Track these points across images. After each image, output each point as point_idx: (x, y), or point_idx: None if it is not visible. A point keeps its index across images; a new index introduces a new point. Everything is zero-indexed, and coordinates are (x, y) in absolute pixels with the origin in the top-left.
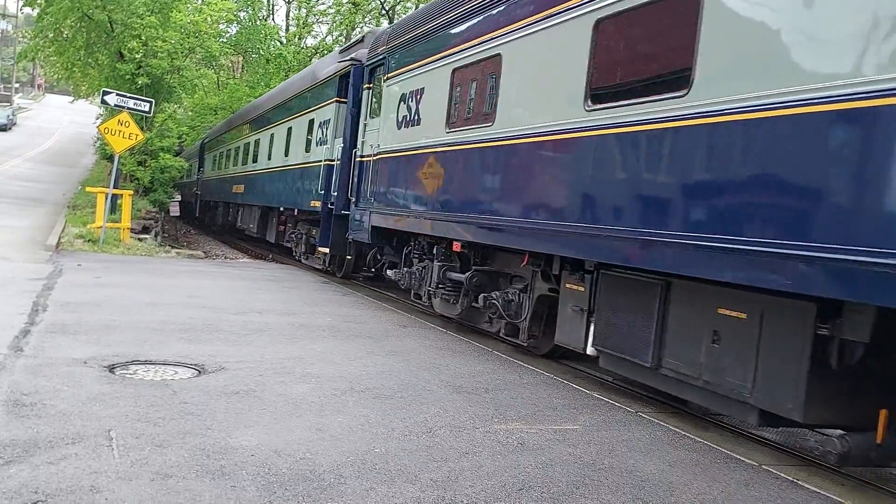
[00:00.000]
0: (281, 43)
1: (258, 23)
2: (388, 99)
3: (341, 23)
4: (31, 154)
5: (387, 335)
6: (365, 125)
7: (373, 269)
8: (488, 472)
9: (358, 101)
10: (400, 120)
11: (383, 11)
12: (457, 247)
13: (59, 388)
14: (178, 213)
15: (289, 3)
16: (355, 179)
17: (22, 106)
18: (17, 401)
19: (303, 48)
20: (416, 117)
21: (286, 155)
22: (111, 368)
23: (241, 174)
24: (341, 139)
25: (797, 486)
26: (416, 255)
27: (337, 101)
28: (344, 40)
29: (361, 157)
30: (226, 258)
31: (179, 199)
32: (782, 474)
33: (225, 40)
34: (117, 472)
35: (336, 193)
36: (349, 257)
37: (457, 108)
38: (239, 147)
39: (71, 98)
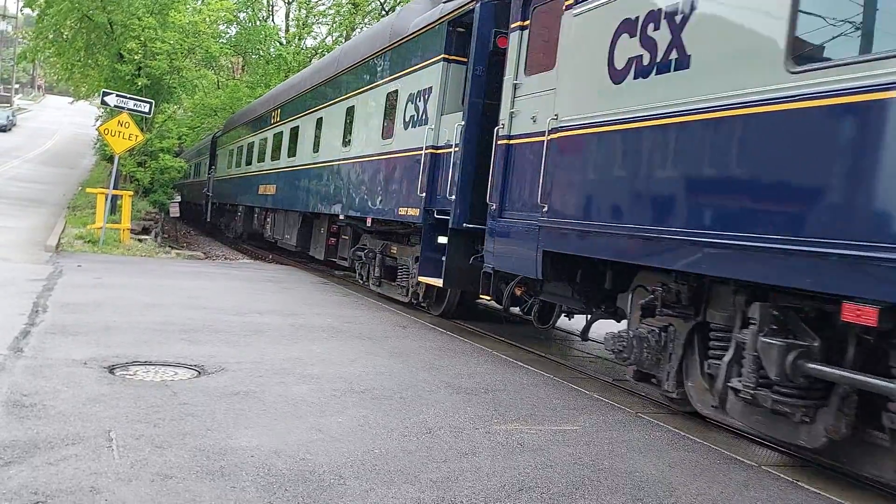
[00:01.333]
0: (281, 44)
1: (258, 23)
2: (580, 37)
3: (341, 23)
4: (31, 155)
5: (386, 336)
6: (515, 87)
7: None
8: (488, 473)
9: (488, 55)
10: (619, 67)
11: (383, 12)
12: (864, 316)
13: (58, 388)
14: (177, 214)
15: (288, 3)
16: (498, 174)
17: (22, 107)
18: (17, 402)
19: (303, 49)
20: (672, 56)
21: (346, 145)
22: (111, 369)
23: (271, 171)
24: (460, 114)
25: (797, 487)
26: (653, 309)
27: (445, 58)
28: (343, 41)
29: (510, 137)
30: (226, 259)
31: (179, 200)
32: (782, 475)
33: (225, 41)
34: (117, 473)
35: (454, 197)
36: (487, 298)
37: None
38: (266, 139)
39: (71, 99)
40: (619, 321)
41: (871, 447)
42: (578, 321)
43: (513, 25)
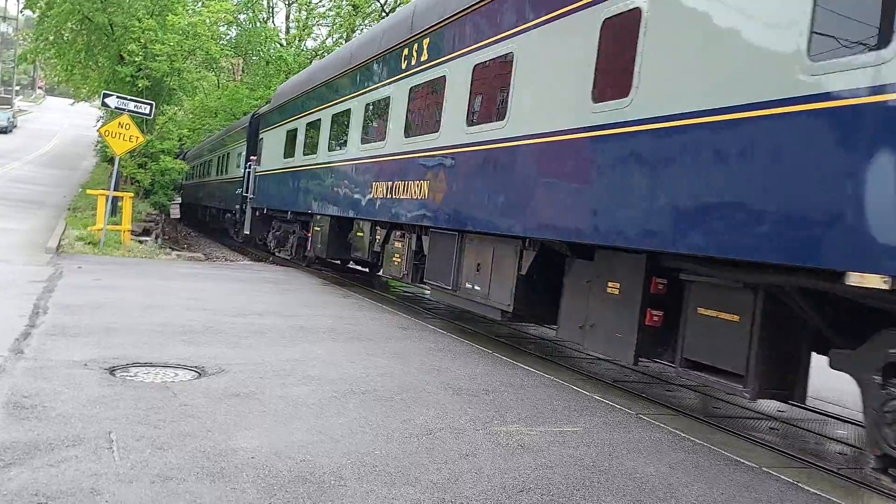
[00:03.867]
0: (281, 45)
1: (258, 25)
2: None
3: (341, 25)
4: (32, 157)
5: (387, 337)
6: None
7: None
8: (488, 474)
9: None
10: None
11: (383, 13)
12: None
13: (59, 390)
14: (178, 216)
15: (289, 5)
16: None
17: (22, 108)
18: (18, 403)
19: (303, 50)
20: None
21: None
22: (111, 371)
23: (415, 156)
24: None
25: (798, 489)
26: None
27: None
28: (344, 42)
29: None
30: (226, 260)
31: (180, 202)
32: (783, 476)
33: (225, 42)
34: (117, 475)
35: None
36: None
37: None
38: (389, 100)
39: (71, 101)
40: None
41: None
42: None
43: None
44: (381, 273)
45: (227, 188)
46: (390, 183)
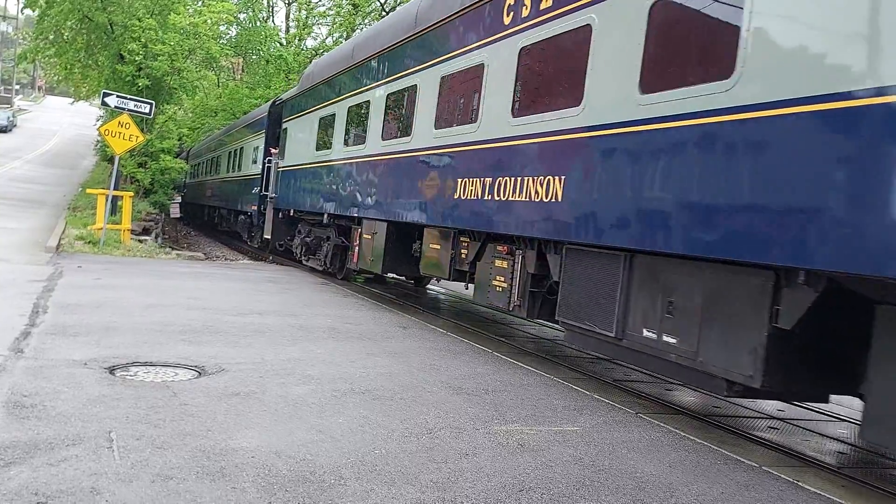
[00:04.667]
0: (281, 44)
1: (258, 24)
2: None
3: (341, 24)
4: (32, 156)
5: (386, 336)
6: None
7: None
8: (488, 474)
9: None
10: None
11: (383, 13)
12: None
13: (59, 389)
14: (178, 215)
15: (289, 4)
16: None
17: (22, 108)
18: (18, 402)
19: (303, 49)
20: None
21: None
22: (111, 370)
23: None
24: None
25: (797, 488)
26: None
27: None
28: (344, 41)
29: None
30: (226, 259)
31: (180, 202)
32: (782, 475)
33: (225, 42)
34: (118, 474)
35: None
36: None
37: None
38: (490, 67)
39: (71, 100)
40: None
41: None
42: None
43: None
44: (474, 300)
45: (241, 187)
46: (488, 179)
